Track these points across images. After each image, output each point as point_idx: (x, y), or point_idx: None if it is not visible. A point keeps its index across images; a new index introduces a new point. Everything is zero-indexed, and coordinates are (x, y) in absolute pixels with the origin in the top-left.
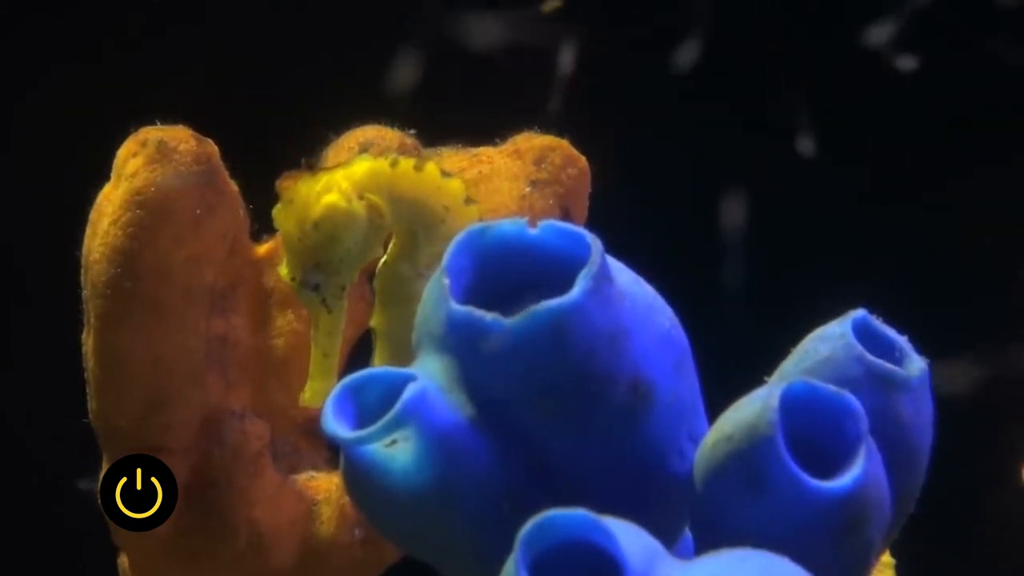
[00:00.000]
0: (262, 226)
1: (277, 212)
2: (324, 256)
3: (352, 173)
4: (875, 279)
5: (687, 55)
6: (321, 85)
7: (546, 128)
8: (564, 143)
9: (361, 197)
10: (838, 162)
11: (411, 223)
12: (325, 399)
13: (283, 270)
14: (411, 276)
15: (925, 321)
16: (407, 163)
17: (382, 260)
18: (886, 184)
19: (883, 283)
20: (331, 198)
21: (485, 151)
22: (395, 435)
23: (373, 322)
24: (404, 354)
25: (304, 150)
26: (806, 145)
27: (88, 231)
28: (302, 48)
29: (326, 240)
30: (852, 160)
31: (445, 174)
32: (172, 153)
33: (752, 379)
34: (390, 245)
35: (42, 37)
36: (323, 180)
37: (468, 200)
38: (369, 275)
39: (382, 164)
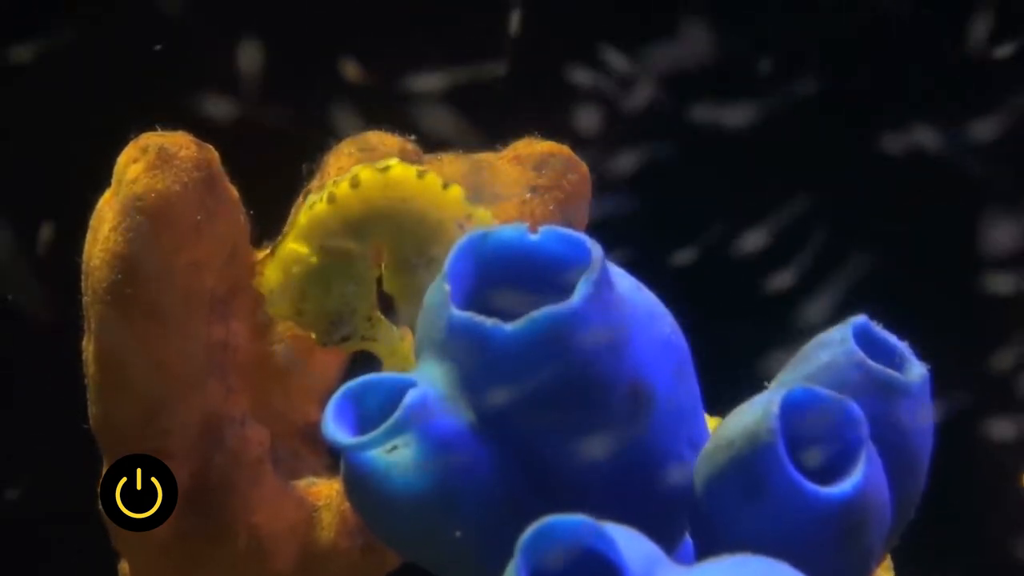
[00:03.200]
0: (262, 232)
1: (269, 308)
2: (331, 314)
3: (300, 232)
4: (875, 282)
5: (690, 62)
6: (322, 90)
7: (547, 134)
8: (565, 149)
9: (323, 246)
10: (838, 162)
11: (382, 233)
12: None
13: (314, 340)
14: (409, 271)
15: (925, 325)
16: (342, 187)
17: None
18: (886, 184)
19: (883, 285)
20: (296, 270)
21: (485, 157)
22: (395, 441)
23: (403, 321)
24: None
25: (305, 156)
26: (807, 146)
27: (89, 237)
28: (303, 52)
29: (321, 301)
30: (852, 160)
31: (382, 169)
32: (172, 159)
33: (752, 385)
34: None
35: (41, 39)
36: (282, 256)
37: (420, 174)
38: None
39: (320, 207)
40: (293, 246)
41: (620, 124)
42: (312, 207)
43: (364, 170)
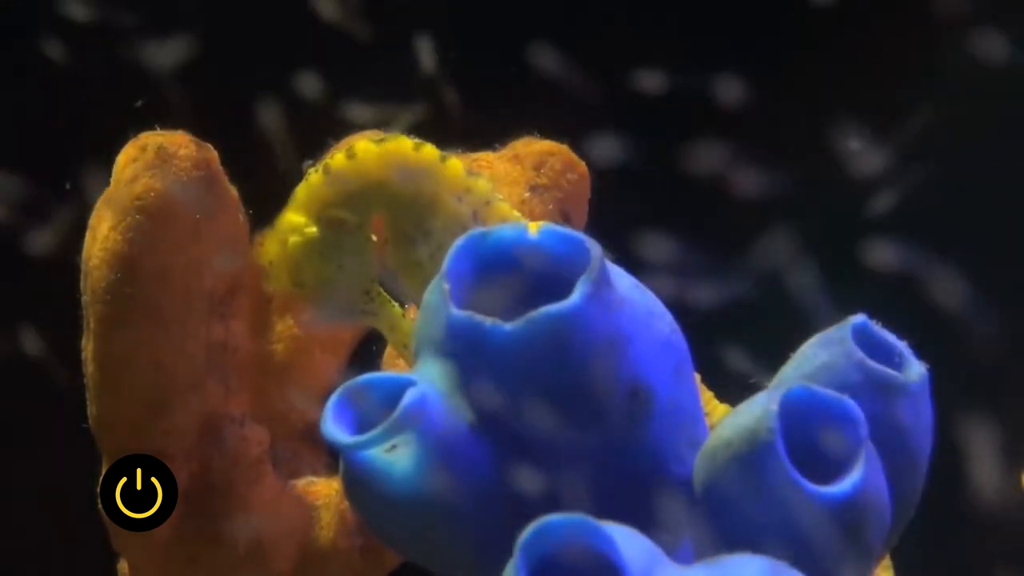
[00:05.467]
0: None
1: (271, 283)
2: (329, 286)
3: (298, 204)
4: (875, 283)
5: (690, 58)
6: (321, 90)
7: (545, 133)
8: (564, 148)
9: (320, 217)
10: (838, 164)
11: (378, 204)
12: None
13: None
14: (408, 244)
15: (925, 326)
16: (338, 158)
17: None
18: (885, 185)
19: (883, 288)
20: (294, 240)
21: (484, 156)
22: (395, 440)
23: (411, 295)
24: None
25: (304, 156)
26: (807, 146)
27: (88, 236)
28: (302, 53)
29: (318, 273)
30: (852, 162)
31: (378, 141)
32: (172, 158)
33: (751, 385)
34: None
35: (40, 40)
36: (280, 227)
37: (417, 146)
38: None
39: (316, 179)
40: (291, 217)
41: (619, 122)
42: (307, 181)
43: (360, 141)
